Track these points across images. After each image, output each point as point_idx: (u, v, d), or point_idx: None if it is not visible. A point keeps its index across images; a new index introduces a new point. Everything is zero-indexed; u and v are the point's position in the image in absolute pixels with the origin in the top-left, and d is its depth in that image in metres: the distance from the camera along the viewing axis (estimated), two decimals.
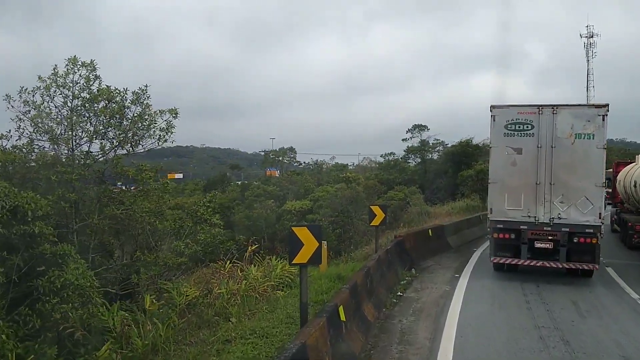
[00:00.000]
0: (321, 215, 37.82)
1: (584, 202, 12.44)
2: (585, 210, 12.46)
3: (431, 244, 17.20)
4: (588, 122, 12.39)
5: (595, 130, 12.31)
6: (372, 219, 14.52)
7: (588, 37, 78.88)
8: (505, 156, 13.08)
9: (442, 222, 20.39)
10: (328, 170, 55.16)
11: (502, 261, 13.54)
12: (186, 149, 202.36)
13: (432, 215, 40.60)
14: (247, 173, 76.88)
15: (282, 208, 40.29)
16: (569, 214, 12.61)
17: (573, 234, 12.63)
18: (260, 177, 57.30)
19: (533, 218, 12.87)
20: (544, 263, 13.03)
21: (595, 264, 12.71)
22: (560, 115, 12.62)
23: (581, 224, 12.52)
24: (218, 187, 57.81)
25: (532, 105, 13.05)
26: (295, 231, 7.53)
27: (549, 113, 12.70)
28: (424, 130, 54.10)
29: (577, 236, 12.60)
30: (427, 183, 50.10)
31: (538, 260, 13.10)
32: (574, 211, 12.56)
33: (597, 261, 12.75)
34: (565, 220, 12.64)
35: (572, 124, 12.51)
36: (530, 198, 12.87)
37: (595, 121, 12.34)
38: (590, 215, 12.44)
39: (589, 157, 12.43)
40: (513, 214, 13.02)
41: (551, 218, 12.75)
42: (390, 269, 12.74)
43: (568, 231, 12.64)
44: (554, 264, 12.97)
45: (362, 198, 38.78)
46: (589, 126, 12.38)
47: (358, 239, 35.80)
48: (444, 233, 18.20)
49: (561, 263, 12.86)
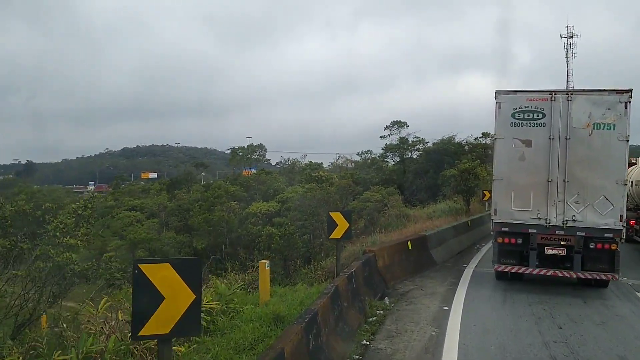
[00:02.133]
0: (289, 218, 34.08)
1: (603, 203, 10.93)
2: (604, 211, 10.93)
3: (411, 259, 13.57)
4: (608, 110, 10.85)
5: (617, 120, 10.78)
6: (332, 230, 10.83)
7: (568, 38, 78.27)
8: (512, 149, 11.51)
9: (424, 231, 16.78)
10: (300, 169, 51.40)
11: (508, 269, 11.84)
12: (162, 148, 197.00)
13: (411, 219, 37.39)
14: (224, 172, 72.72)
15: (247, 210, 36.45)
16: (585, 216, 11.09)
17: (589, 239, 11.09)
18: (229, 177, 53.33)
19: (544, 220, 11.34)
20: (555, 272, 11.46)
21: (614, 274, 11.05)
22: (576, 103, 11.06)
23: (599, 228, 10.99)
24: (183, 187, 53.72)
25: (543, 91, 11.45)
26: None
27: (562, 100, 11.15)
28: (403, 127, 50.77)
29: (594, 242, 11.05)
30: (407, 183, 46.91)
31: (548, 268, 11.52)
32: (590, 213, 11.04)
33: (616, 270, 11.06)
34: (580, 223, 11.11)
35: (590, 113, 10.96)
36: (541, 198, 11.35)
37: (617, 109, 10.79)
38: (609, 218, 10.91)
39: (609, 151, 10.88)
40: (520, 215, 11.50)
41: (564, 221, 11.20)
42: (353, 304, 9.05)
43: (584, 236, 11.11)
44: (567, 273, 11.41)
45: (335, 200, 35.15)
46: (609, 115, 10.83)
47: (329, 245, 32.20)
48: (426, 245, 14.58)
49: (575, 272, 11.28)
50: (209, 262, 34.68)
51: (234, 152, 52.50)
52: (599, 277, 11.25)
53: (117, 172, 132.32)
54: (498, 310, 9.97)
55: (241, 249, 35.72)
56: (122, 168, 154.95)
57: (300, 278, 29.90)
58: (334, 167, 60.72)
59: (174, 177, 61.14)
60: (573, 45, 78.27)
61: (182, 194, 47.91)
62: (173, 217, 39.50)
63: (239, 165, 52.41)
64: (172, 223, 39.11)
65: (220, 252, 35.58)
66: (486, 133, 45.27)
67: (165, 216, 39.96)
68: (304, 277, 29.81)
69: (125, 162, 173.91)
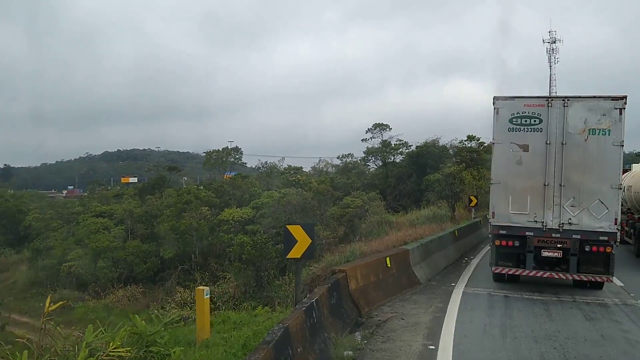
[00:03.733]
0: (263, 226, 31.80)
1: (598, 206, 11.21)
2: (600, 215, 11.19)
3: (390, 279, 11.45)
4: (603, 116, 11.15)
5: (612, 126, 11.09)
6: (289, 247, 8.63)
7: (550, 43, 78.69)
8: (509, 153, 11.77)
9: (405, 244, 14.72)
10: (278, 173, 49.15)
11: (505, 271, 12.17)
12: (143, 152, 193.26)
13: (394, 226, 35.53)
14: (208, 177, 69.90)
15: (219, 217, 34.07)
16: (580, 219, 11.36)
17: (585, 242, 11.38)
18: (203, 181, 50.86)
19: (540, 224, 11.61)
20: (551, 274, 11.82)
21: (609, 276, 11.43)
22: (572, 108, 11.36)
23: (594, 231, 11.26)
24: (156, 192, 51.07)
25: (540, 97, 12.12)
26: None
27: (559, 106, 11.45)
28: (386, 130, 48.78)
29: (590, 244, 11.35)
30: (389, 188, 44.96)
31: (545, 270, 11.84)
32: (586, 216, 11.32)
33: (611, 272, 11.42)
34: (576, 226, 11.39)
35: (586, 118, 11.26)
36: (538, 201, 11.61)
37: (612, 115, 11.10)
38: (604, 221, 11.18)
39: (604, 156, 11.18)
40: (518, 218, 11.75)
41: (561, 224, 11.49)
42: (311, 347, 6.91)
43: (579, 238, 11.37)
44: (562, 275, 11.80)
45: (313, 206, 33.00)
46: (604, 120, 11.15)
47: None
48: (408, 261, 12.48)
49: (571, 274, 11.66)
50: (176, 273, 32.31)
51: (208, 156, 50.03)
52: (594, 279, 11.60)
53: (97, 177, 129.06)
54: (497, 349, 7.87)
55: (212, 258, 33.35)
56: (102, 172, 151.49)
57: (273, 290, 27.77)
58: (316, 171, 58.58)
59: (146, 182, 58.32)
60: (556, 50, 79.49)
61: (154, 199, 45.32)
62: (140, 224, 36.96)
63: (214, 169, 50.00)
64: (139, 230, 36.56)
65: (189, 261, 33.19)
66: (471, 136, 43.60)
67: (132, 223, 37.35)
68: (278, 289, 27.70)
69: (106, 166, 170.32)
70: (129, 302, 31.86)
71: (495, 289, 12.20)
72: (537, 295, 11.67)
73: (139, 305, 31.28)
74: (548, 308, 10.40)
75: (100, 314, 30.79)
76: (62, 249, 37.23)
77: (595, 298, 11.38)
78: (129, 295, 32.05)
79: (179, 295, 29.50)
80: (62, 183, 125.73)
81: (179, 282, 32.20)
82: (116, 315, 30.59)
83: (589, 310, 10.24)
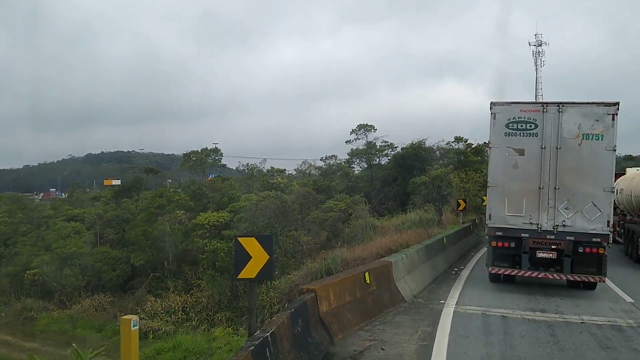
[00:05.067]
0: (240, 230, 29.99)
1: (591, 209, 11.55)
2: (593, 217, 11.54)
3: (369, 298, 9.79)
4: (597, 122, 11.54)
5: (605, 131, 11.46)
6: (242, 264, 6.94)
7: (536, 46, 78.62)
8: (506, 157, 12.13)
9: (389, 254, 13.09)
10: (260, 175, 47.28)
11: (501, 272, 12.45)
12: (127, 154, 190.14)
13: (378, 230, 34.10)
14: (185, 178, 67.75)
15: (194, 222, 32.17)
16: (574, 221, 11.68)
17: (578, 244, 11.70)
18: (182, 183, 48.83)
19: (535, 225, 11.93)
20: (546, 274, 12.12)
21: (601, 276, 11.77)
22: (567, 114, 11.74)
23: (588, 233, 11.59)
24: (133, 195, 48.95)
25: (535, 103, 13.17)
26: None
27: (554, 111, 11.82)
28: (371, 131, 47.22)
29: (583, 246, 11.67)
30: (374, 191, 43.48)
31: (540, 271, 12.13)
32: (580, 218, 11.64)
33: (604, 273, 11.74)
34: (570, 228, 11.71)
35: (580, 124, 11.64)
36: (533, 204, 11.93)
37: (605, 121, 11.48)
38: (597, 223, 11.52)
39: (597, 160, 11.54)
40: (513, 220, 12.08)
41: (555, 226, 11.81)
42: None
43: (573, 240, 11.70)
44: (557, 276, 12.13)
45: (293, 209, 31.28)
46: (597, 126, 11.53)
47: (285, 262, 28.36)
48: (390, 275, 10.83)
49: (565, 274, 11.98)
50: (147, 281, 30.37)
51: (186, 157, 47.98)
52: (587, 279, 11.88)
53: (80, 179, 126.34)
54: None
55: (186, 265, 31.46)
56: (85, 174, 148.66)
57: None
58: (299, 173, 56.85)
59: (123, 184, 56.07)
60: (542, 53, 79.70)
61: (129, 202, 43.24)
62: (109, 228, 34.89)
63: (193, 171, 48.00)
64: (108, 235, 34.50)
65: (161, 268, 31.25)
66: (459, 137, 42.27)
67: (101, 228, 35.27)
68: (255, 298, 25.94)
69: (89, 168, 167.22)
70: (96, 312, 29.90)
71: (490, 306, 10.63)
72: (539, 314, 10.12)
73: (106, 316, 29.30)
74: (554, 333, 8.83)
75: (64, 326, 28.78)
76: (28, 254, 35.01)
77: (606, 319, 9.83)
78: (96, 304, 30.06)
79: (149, 304, 27.67)
80: (44, 185, 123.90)
81: (150, 291, 30.27)
82: (81, 327, 28.69)
83: (602, 336, 8.68)
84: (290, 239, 28.86)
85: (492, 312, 10.21)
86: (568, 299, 11.50)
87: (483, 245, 22.01)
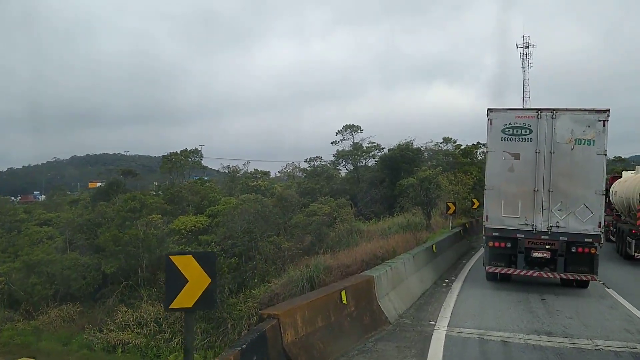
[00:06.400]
0: (218, 236, 28.38)
1: (583, 211, 12.06)
2: (585, 218, 12.05)
3: (346, 321, 8.24)
4: (588, 128, 12.07)
5: (596, 136, 12.00)
6: (175, 290, 5.35)
7: (524, 48, 79.56)
8: (502, 161, 12.63)
9: (370, 269, 11.52)
10: (243, 178, 45.55)
11: (498, 271, 12.92)
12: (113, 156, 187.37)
13: (364, 235, 32.73)
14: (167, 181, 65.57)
15: (170, 226, 30.45)
16: (567, 222, 12.19)
17: (571, 244, 12.21)
18: (161, 186, 46.97)
19: (530, 226, 12.40)
20: (540, 273, 12.53)
21: (593, 275, 12.25)
22: (560, 120, 12.27)
23: (580, 233, 12.11)
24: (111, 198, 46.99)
25: (530, 109, 13.15)
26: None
27: (548, 117, 12.32)
28: (357, 132, 45.77)
29: (576, 246, 12.17)
30: (361, 194, 42.06)
31: (535, 270, 12.54)
32: (572, 220, 12.15)
33: (595, 271, 12.22)
34: (563, 229, 12.21)
35: (572, 129, 12.16)
36: (528, 205, 12.41)
37: (596, 126, 12.01)
38: (589, 224, 12.03)
39: (588, 164, 12.06)
40: (510, 221, 12.55)
41: (549, 226, 12.28)
42: None
43: (566, 240, 12.22)
44: (551, 274, 12.54)
45: (274, 213, 29.70)
46: (589, 132, 12.07)
47: (265, 269, 26.75)
48: (372, 292, 9.29)
49: (558, 273, 12.42)
50: (119, 290, 28.53)
51: (165, 159, 46.12)
52: (580, 277, 12.44)
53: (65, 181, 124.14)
54: None
55: (162, 273, 29.66)
56: (70, 177, 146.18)
57: (227, 310, 24.40)
58: (284, 175, 55.22)
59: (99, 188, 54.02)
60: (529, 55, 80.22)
61: (104, 206, 41.30)
62: (80, 234, 33.00)
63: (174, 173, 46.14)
64: (78, 241, 32.61)
65: (135, 276, 29.43)
66: (448, 138, 41.00)
67: (72, 233, 33.37)
68: (232, 309, 24.35)
69: (74, 170, 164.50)
70: (64, 323, 28.04)
71: (488, 328, 9.14)
72: (546, 338, 8.64)
73: (74, 328, 27.43)
74: None
75: (28, 338, 26.93)
76: None
77: (624, 344, 8.37)
78: (64, 315, 28.17)
79: (120, 315, 25.91)
80: (29, 188, 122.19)
81: (123, 300, 28.36)
82: (46, 339, 26.84)
83: None
84: (271, 245, 27.27)
85: (491, 336, 8.72)
86: (575, 318, 10.07)
87: (475, 252, 20.64)
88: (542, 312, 10.57)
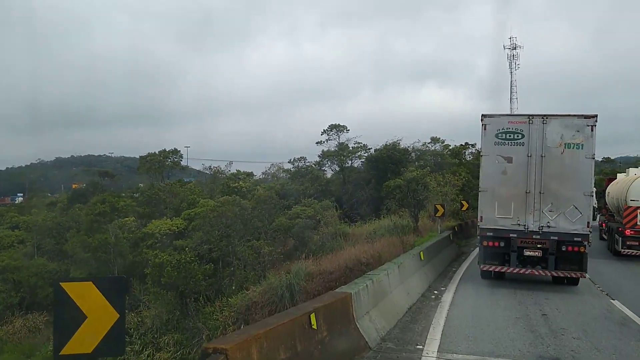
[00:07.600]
0: (194, 240, 26.84)
1: (573, 211, 12.56)
2: (574, 219, 12.54)
3: (316, 350, 6.82)
4: (577, 132, 12.54)
5: (584, 141, 12.47)
6: (69, 329, 3.90)
7: (511, 49, 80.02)
8: (495, 165, 13.12)
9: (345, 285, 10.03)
10: (223, 179, 43.96)
11: (492, 269, 13.46)
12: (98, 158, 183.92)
13: (349, 238, 31.44)
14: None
15: (143, 230, 28.85)
16: (557, 222, 12.70)
17: (562, 243, 12.71)
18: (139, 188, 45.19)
19: (523, 226, 12.92)
20: (532, 271, 13.06)
21: (583, 272, 12.74)
22: (550, 125, 12.74)
23: (570, 233, 12.61)
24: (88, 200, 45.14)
25: (522, 115, 13.74)
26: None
27: (539, 123, 12.80)
28: (343, 132, 44.45)
29: (566, 245, 12.67)
30: (346, 195, 40.75)
31: (527, 268, 13.09)
32: (562, 220, 12.66)
33: (584, 269, 12.74)
34: (554, 228, 12.72)
35: (562, 134, 12.64)
36: (520, 207, 12.91)
37: (584, 131, 12.51)
38: (578, 224, 12.53)
39: (578, 167, 12.55)
40: (503, 222, 13.06)
41: (540, 226, 12.80)
42: None
43: (557, 240, 12.71)
44: (542, 272, 13.03)
45: (254, 216, 28.22)
46: (578, 136, 12.53)
47: (244, 276, 25.26)
48: (349, 312, 7.89)
49: (550, 271, 12.92)
50: None
51: (142, 160, 44.33)
52: (570, 275, 12.88)
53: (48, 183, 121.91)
54: None
55: (135, 279, 28.10)
56: (53, 179, 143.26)
57: (202, 319, 22.93)
58: (267, 176, 53.69)
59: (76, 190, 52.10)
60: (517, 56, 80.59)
61: (78, 209, 39.51)
62: (49, 238, 31.29)
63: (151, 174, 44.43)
64: (47, 246, 30.89)
65: None
66: (436, 138, 39.82)
67: (40, 238, 31.63)
68: (207, 318, 22.89)
69: (58, 172, 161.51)
70: (30, 333, 26.38)
71: (486, 354, 7.80)
72: None
73: (40, 338, 25.79)
74: None
75: None
76: None
77: None
78: (29, 325, 26.53)
79: None
80: (12, 190, 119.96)
81: None
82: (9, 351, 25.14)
83: None
84: (250, 250, 25.82)
85: None
86: (584, 339, 8.74)
87: (466, 257, 19.38)
88: (545, 331, 9.25)
